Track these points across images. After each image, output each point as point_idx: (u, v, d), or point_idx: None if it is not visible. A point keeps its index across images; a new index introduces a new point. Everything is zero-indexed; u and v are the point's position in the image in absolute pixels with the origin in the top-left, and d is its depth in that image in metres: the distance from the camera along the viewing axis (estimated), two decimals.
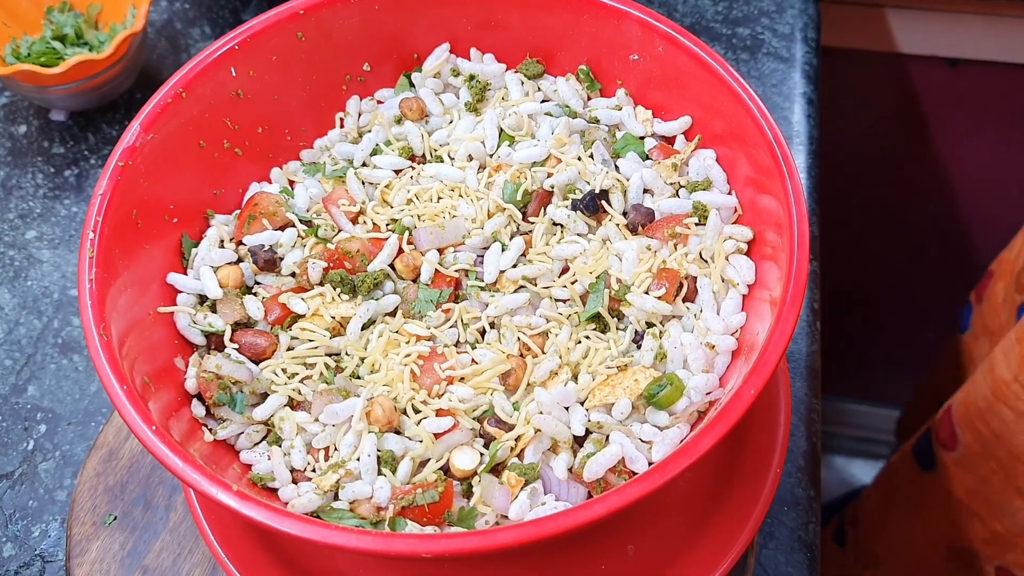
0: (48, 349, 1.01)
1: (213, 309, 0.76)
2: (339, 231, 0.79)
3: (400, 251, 0.76)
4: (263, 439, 0.72)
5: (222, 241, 0.79)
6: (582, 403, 0.71)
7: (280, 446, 0.70)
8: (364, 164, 0.83)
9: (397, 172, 0.82)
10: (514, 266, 0.76)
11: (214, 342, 0.75)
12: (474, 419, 0.70)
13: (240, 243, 0.79)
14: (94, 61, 1.06)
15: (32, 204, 1.11)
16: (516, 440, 0.68)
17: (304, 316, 0.74)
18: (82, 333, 1.02)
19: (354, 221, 0.79)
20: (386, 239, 0.77)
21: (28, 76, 1.05)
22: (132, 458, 0.91)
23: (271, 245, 0.78)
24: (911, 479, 1.25)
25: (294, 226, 0.79)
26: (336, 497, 0.68)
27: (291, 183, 0.85)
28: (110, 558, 0.86)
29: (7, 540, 0.91)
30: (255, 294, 0.77)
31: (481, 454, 0.68)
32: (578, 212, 0.77)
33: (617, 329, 0.74)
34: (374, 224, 0.78)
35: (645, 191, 0.80)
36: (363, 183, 0.81)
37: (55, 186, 1.12)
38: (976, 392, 1.09)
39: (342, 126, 0.87)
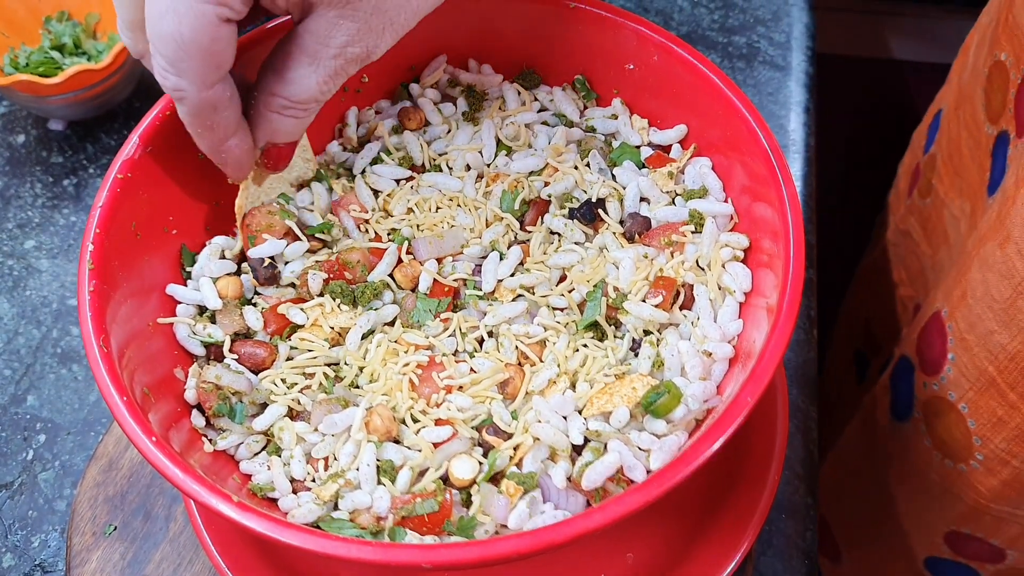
0: (47, 359, 1.01)
1: (212, 320, 0.76)
2: (345, 236, 0.79)
3: (399, 261, 0.77)
4: (263, 449, 0.72)
5: (223, 252, 0.79)
6: (580, 411, 0.71)
7: (280, 456, 0.70)
8: (364, 172, 0.84)
9: (398, 182, 0.82)
10: (512, 275, 0.76)
11: (213, 353, 0.75)
12: (473, 428, 0.70)
13: (243, 256, 0.80)
14: (92, 71, 1.06)
15: (31, 214, 1.11)
16: (515, 449, 0.69)
17: (303, 326, 0.75)
18: (81, 343, 1.02)
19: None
20: (386, 249, 0.77)
21: (26, 86, 1.06)
22: (132, 468, 0.91)
23: (271, 259, 0.78)
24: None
25: (294, 234, 0.79)
26: (336, 507, 0.68)
27: (299, 186, 0.85)
28: (110, 568, 0.86)
29: (7, 550, 0.91)
30: (254, 305, 0.77)
31: (480, 463, 0.69)
32: (575, 221, 0.78)
33: (615, 337, 0.74)
34: (376, 234, 0.79)
35: (641, 200, 0.81)
36: (372, 191, 0.81)
37: (54, 196, 1.13)
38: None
39: (340, 136, 0.87)
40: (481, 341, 0.74)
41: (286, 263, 0.78)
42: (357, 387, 0.72)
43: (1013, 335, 0.88)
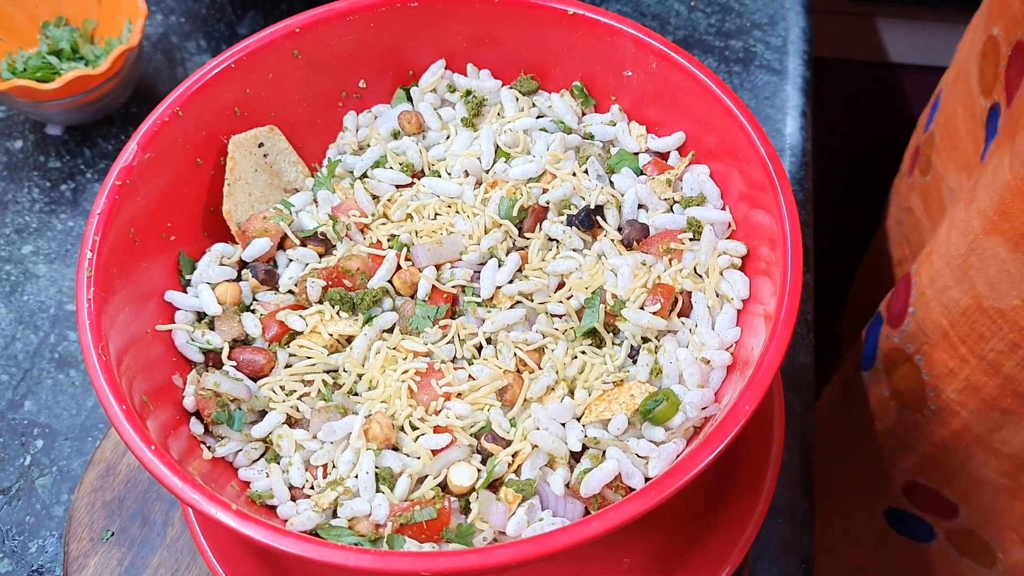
0: (45, 364, 1.01)
1: (211, 326, 0.76)
2: (345, 239, 0.80)
3: (398, 267, 0.77)
4: (261, 456, 0.72)
5: (222, 258, 0.79)
6: (578, 419, 0.71)
7: (279, 463, 0.71)
8: (365, 175, 0.84)
9: (398, 187, 0.82)
10: (510, 282, 0.76)
11: (212, 359, 0.75)
12: (471, 435, 0.70)
13: (243, 264, 0.80)
14: (90, 76, 1.06)
15: (28, 218, 1.11)
16: (513, 456, 0.69)
17: (302, 333, 0.75)
18: (79, 348, 1.02)
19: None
20: (385, 256, 0.77)
21: (24, 91, 1.06)
22: (129, 473, 0.91)
23: (271, 260, 0.78)
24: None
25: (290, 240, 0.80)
26: (335, 514, 0.68)
27: (292, 191, 0.85)
28: (108, 574, 0.86)
29: (4, 556, 0.91)
30: (253, 311, 0.77)
31: (479, 470, 0.69)
32: (573, 228, 0.78)
33: (613, 344, 0.74)
34: (376, 240, 0.79)
35: (640, 207, 0.81)
36: (372, 196, 0.82)
37: (51, 200, 1.12)
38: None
39: (339, 141, 0.87)
40: (480, 348, 0.74)
41: (289, 262, 0.79)
42: (356, 394, 0.73)
43: (964, 290, 0.91)
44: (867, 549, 1.26)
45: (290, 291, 0.78)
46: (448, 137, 0.85)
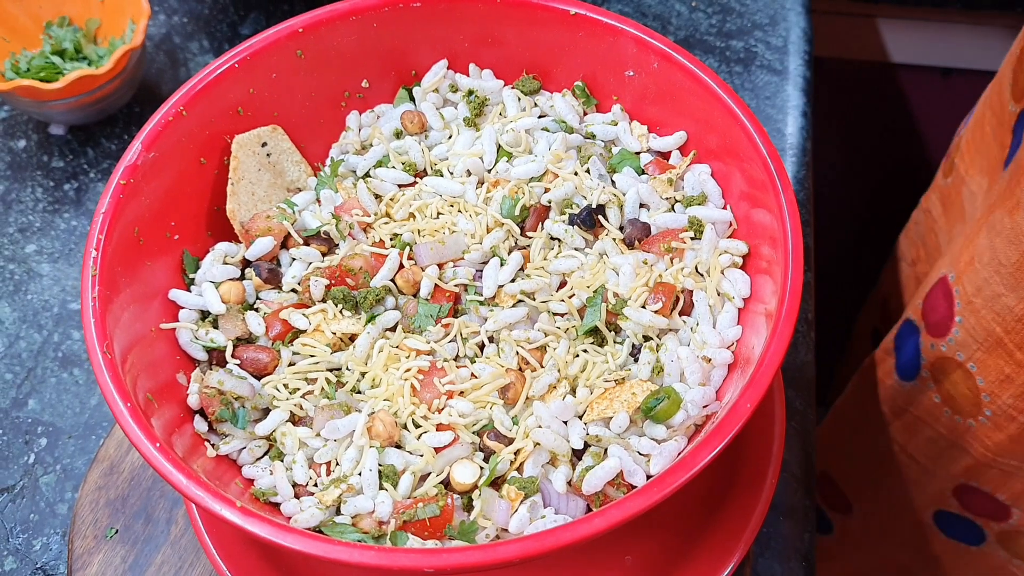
0: (48, 363, 1.02)
1: (215, 325, 0.77)
2: (348, 238, 0.80)
3: (400, 266, 0.77)
4: (265, 454, 0.73)
5: (225, 257, 0.80)
6: (580, 417, 0.71)
7: (282, 461, 0.71)
8: (367, 175, 0.84)
9: (401, 186, 0.83)
10: (512, 280, 0.77)
11: (216, 358, 0.76)
12: (474, 433, 0.70)
13: (246, 263, 0.80)
14: (93, 76, 1.07)
15: (32, 218, 1.12)
16: (515, 454, 0.69)
17: (305, 331, 0.75)
18: (82, 347, 1.03)
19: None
20: (387, 255, 0.77)
21: (27, 91, 1.06)
22: (133, 471, 0.91)
23: (275, 260, 0.79)
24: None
25: (292, 239, 0.80)
26: (338, 512, 0.69)
27: (295, 190, 0.86)
28: (111, 571, 0.86)
29: (8, 554, 0.91)
30: (257, 310, 0.78)
31: (481, 468, 0.69)
32: (575, 227, 0.78)
33: (615, 343, 0.75)
34: (379, 239, 0.79)
35: (641, 206, 0.81)
36: (374, 195, 0.82)
37: (55, 200, 1.13)
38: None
39: (342, 140, 0.88)
40: (482, 346, 0.75)
41: (292, 261, 0.79)
42: (359, 392, 0.73)
43: (1020, 297, 0.92)
44: (911, 551, 1.26)
45: (293, 290, 0.78)
46: (450, 137, 0.86)
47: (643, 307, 0.74)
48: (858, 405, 1.26)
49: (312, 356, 0.74)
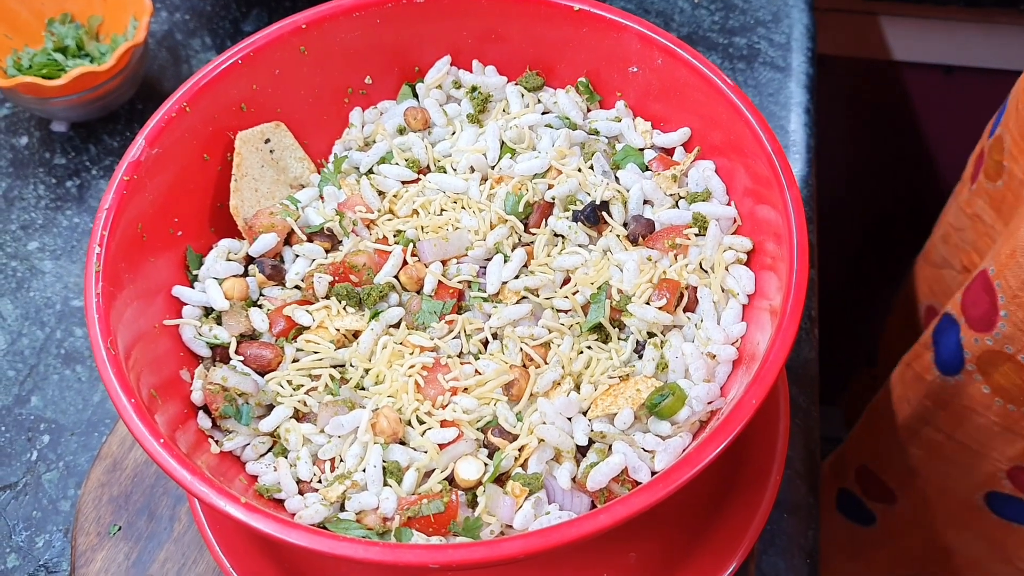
0: (51, 360, 1.02)
1: (218, 321, 0.77)
2: (352, 235, 0.80)
3: (404, 263, 0.77)
4: (269, 450, 0.73)
5: (229, 254, 0.80)
6: (584, 413, 0.71)
7: (286, 457, 0.71)
8: (371, 171, 0.84)
9: (404, 183, 0.83)
10: (516, 277, 0.76)
11: (219, 354, 0.76)
12: (478, 430, 0.70)
13: (250, 259, 0.80)
14: (95, 73, 1.07)
15: (34, 215, 1.11)
16: (520, 450, 0.69)
17: (309, 328, 0.75)
18: (85, 343, 1.02)
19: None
20: (391, 251, 0.77)
21: (29, 88, 1.06)
22: (136, 468, 0.91)
23: (278, 256, 0.79)
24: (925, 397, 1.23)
25: (297, 235, 0.80)
26: (342, 508, 0.68)
27: (299, 187, 0.86)
28: (114, 568, 0.86)
29: (11, 551, 0.91)
30: (260, 306, 0.77)
31: (485, 464, 0.69)
32: (579, 223, 0.78)
33: (619, 339, 0.74)
34: (383, 236, 0.79)
35: (645, 202, 0.81)
36: (378, 192, 0.82)
37: (57, 197, 1.13)
38: None
39: (345, 137, 0.88)
40: (486, 343, 0.75)
41: (296, 258, 0.79)
42: (363, 389, 0.73)
43: None
44: (960, 531, 1.28)
45: (297, 286, 0.78)
46: (454, 133, 0.86)
47: (647, 303, 0.74)
48: (897, 402, 1.26)
49: (316, 352, 0.74)
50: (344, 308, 0.75)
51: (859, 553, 1.48)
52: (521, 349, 0.73)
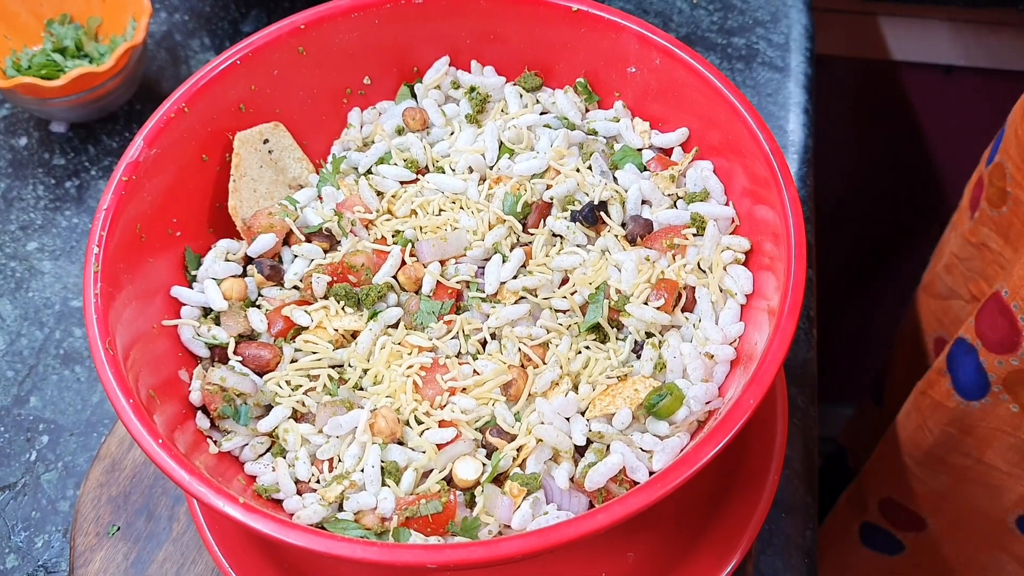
0: (50, 360, 1.02)
1: (217, 322, 0.77)
2: (350, 235, 0.80)
3: (402, 263, 0.77)
4: (267, 451, 0.73)
5: (227, 254, 0.80)
6: (583, 413, 0.71)
7: (284, 458, 0.71)
8: (370, 171, 0.84)
9: (403, 183, 0.83)
10: (514, 277, 0.76)
11: (218, 354, 0.76)
12: (476, 430, 0.70)
13: (248, 260, 0.80)
14: (94, 73, 1.07)
15: (33, 216, 1.12)
16: (518, 450, 0.69)
17: (307, 328, 0.75)
18: (83, 344, 1.02)
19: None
20: (389, 251, 0.77)
21: (28, 88, 1.06)
22: (135, 468, 0.91)
23: (276, 257, 0.79)
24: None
25: (296, 236, 0.80)
26: (341, 508, 0.68)
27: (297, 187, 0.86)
28: (113, 569, 0.86)
29: (10, 551, 0.91)
30: (258, 307, 0.78)
31: (483, 464, 0.69)
32: (577, 223, 0.78)
33: (617, 339, 0.74)
34: (381, 236, 0.79)
35: (643, 202, 0.81)
36: (376, 192, 0.82)
37: (56, 197, 1.13)
38: None
39: (344, 137, 0.88)
40: (484, 343, 0.75)
41: (294, 258, 0.79)
42: (361, 389, 0.73)
43: None
44: (992, 551, 1.27)
45: (295, 287, 0.78)
46: (452, 133, 0.86)
47: (645, 303, 0.74)
48: (916, 431, 1.26)
49: (314, 353, 0.74)
50: (342, 308, 0.75)
51: None
52: (519, 349, 0.73)
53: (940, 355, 1.17)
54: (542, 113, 0.86)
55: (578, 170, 0.81)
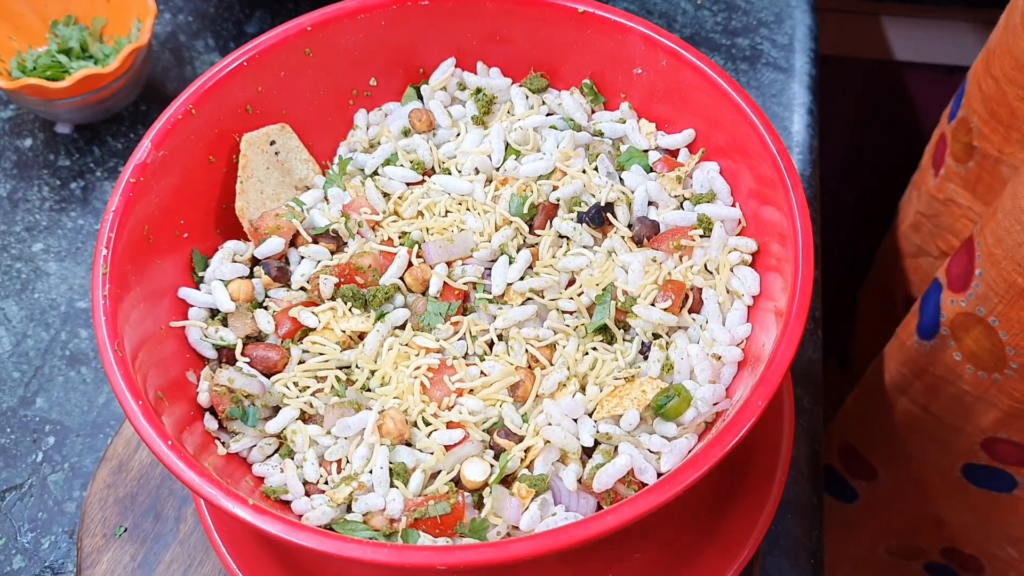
0: (56, 361, 1.02)
1: (224, 323, 0.77)
2: (357, 236, 0.80)
3: (409, 264, 0.77)
4: (275, 452, 0.73)
5: (234, 256, 0.80)
6: (590, 414, 0.71)
7: (293, 459, 0.71)
8: (376, 173, 0.84)
9: (409, 185, 0.83)
10: (521, 278, 0.77)
11: (225, 356, 0.76)
12: (484, 431, 0.70)
13: (255, 261, 0.80)
14: (99, 75, 1.07)
15: (38, 217, 1.12)
16: (526, 451, 0.69)
17: (315, 329, 0.75)
18: (89, 345, 1.03)
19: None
20: (396, 253, 0.77)
21: (34, 90, 1.06)
22: (142, 470, 0.91)
23: (284, 258, 0.79)
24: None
25: (302, 237, 0.80)
26: (349, 509, 0.69)
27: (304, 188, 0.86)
28: (120, 570, 0.86)
29: (17, 552, 0.91)
30: (266, 308, 0.78)
31: (491, 466, 0.69)
32: (584, 225, 0.78)
33: (624, 340, 0.75)
34: (388, 237, 0.79)
35: (650, 203, 0.81)
36: (383, 194, 0.82)
37: (61, 199, 1.13)
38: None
39: (350, 139, 0.88)
40: (491, 344, 0.75)
41: (301, 259, 0.79)
42: (369, 390, 0.73)
43: None
44: (943, 502, 1.27)
45: (302, 288, 0.78)
46: (458, 135, 0.86)
47: (652, 305, 0.74)
48: (883, 373, 1.26)
49: (322, 354, 0.74)
50: (350, 309, 0.75)
51: (843, 529, 1.48)
52: (527, 350, 0.73)
53: (914, 305, 1.18)
54: (548, 114, 0.86)
55: (584, 171, 0.81)
